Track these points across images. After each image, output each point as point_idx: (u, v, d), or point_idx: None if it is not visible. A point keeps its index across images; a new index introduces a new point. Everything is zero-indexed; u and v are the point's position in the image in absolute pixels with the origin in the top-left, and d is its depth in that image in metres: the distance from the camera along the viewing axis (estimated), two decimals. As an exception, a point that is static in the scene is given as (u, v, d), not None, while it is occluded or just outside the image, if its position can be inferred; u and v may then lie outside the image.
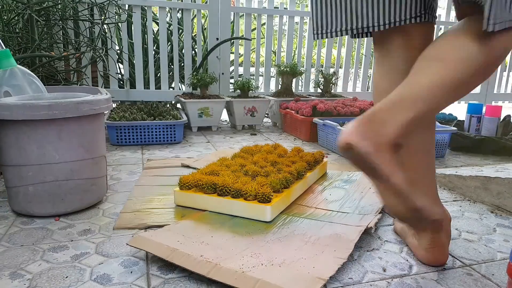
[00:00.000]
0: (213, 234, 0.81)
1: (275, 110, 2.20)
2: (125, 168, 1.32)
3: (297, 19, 2.52)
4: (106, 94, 1.00)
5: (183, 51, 2.32)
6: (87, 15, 2.01)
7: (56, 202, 0.90)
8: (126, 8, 2.21)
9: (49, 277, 0.67)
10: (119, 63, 2.30)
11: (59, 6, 1.84)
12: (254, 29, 2.50)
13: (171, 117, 1.74)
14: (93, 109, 0.89)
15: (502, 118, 1.77)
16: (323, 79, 2.41)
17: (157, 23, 2.24)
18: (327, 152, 1.63)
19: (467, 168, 1.34)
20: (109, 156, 1.46)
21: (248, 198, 0.89)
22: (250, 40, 2.34)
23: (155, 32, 2.41)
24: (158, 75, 2.41)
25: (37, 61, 1.64)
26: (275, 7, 2.40)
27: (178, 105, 2.16)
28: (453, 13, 2.73)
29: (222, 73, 2.29)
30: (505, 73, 3.09)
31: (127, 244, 0.75)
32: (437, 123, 1.65)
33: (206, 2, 2.29)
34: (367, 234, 0.86)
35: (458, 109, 3.04)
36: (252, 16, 2.38)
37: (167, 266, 0.71)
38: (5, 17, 1.64)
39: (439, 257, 0.74)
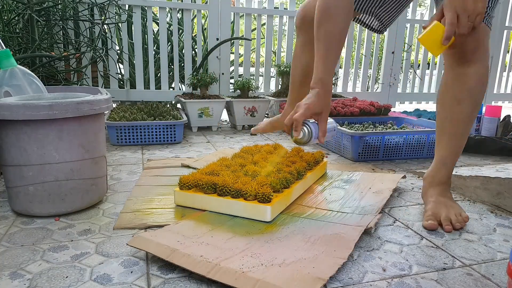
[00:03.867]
0: (213, 234, 0.81)
1: (275, 110, 2.20)
2: (125, 168, 1.32)
3: (297, 19, 2.52)
4: (106, 94, 1.00)
5: (183, 51, 2.32)
6: (87, 15, 2.01)
7: (56, 202, 0.90)
8: (126, 8, 2.21)
9: (49, 277, 0.67)
10: (119, 63, 2.30)
11: (59, 6, 1.84)
12: (254, 29, 2.50)
13: (171, 117, 1.74)
14: (93, 109, 0.89)
15: (502, 118, 1.77)
16: (323, 79, 2.40)
17: (157, 23, 2.24)
18: (327, 152, 1.63)
19: (467, 168, 1.34)
20: (109, 156, 1.46)
21: (248, 198, 0.89)
22: (250, 40, 2.34)
23: (155, 32, 2.41)
24: (158, 75, 2.41)
25: (37, 61, 1.64)
26: (275, 7, 2.41)
27: (178, 105, 2.17)
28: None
29: (222, 73, 2.29)
30: (504, 73, 3.10)
31: (127, 244, 0.75)
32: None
33: (206, 2, 2.29)
34: (367, 234, 0.86)
35: (458, 109, 3.04)
36: (252, 16, 2.38)
37: (167, 266, 0.71)
38: (5, 17, 1.64)
39: None
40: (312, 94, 0.91)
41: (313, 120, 0.93)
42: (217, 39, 2.23)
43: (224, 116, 2.36)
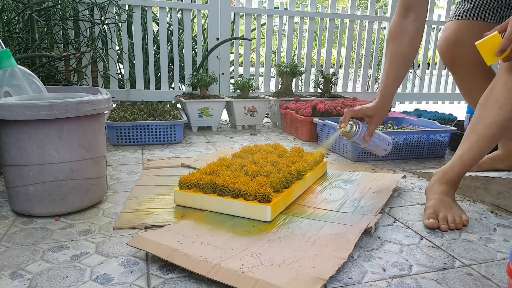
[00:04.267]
0: (213, 234, 0.81)
1: (275, 110, 2.20)
2: (125, 168, 1.32)
3: (297, 19, 2.52)
4: (106, 94, 1.00)
5: (183, 51, 2.32)
6: (87, 15, 2.01)
7: (56, 202, 0.90)
8: (126, 8, 2.21)
9: (49, 277, 0.67)
10: (119, 63, 2.30)
11: (59, 6, 1.84)
12: (254, 29, 2.50)
13: (171, 117, 1.74)
14: (93, 109, 0.89)
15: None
16: (323, 79, 2.41)
17: (157, 23, 2.24)
18: (327, 152, 1.63)
19: (467, 168, 1.34)
20: (109, 156, 1.46)
21: (248, 198, 0.89)
22: (250, 40, 2.34)
23: (155, 32, 2.41)
24: (158, 75, 2.41)
25: (37, 61, 1.64)
26: (275, 7, 2.40)
27: (178, 105, 2.17)
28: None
29: (222, 73, 2.29)
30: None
31: (127, 244, 0.75)
32: (437, 123, 1.65)
33: (206, 2, 2.29)
34: (367, 234, 0.86)
35: (458, 109, 3.04)
36: (252, 16, 2.38)
37: (167, 266, 0.71)
38: (5, 17, 1.64)
39: None
40: (372, 101, 1.04)
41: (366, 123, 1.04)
42: (217, 39, 2.23)
43: (224, 116, 2.36)
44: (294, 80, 2.38)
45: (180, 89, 2.47)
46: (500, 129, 0.93)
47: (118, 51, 2.24)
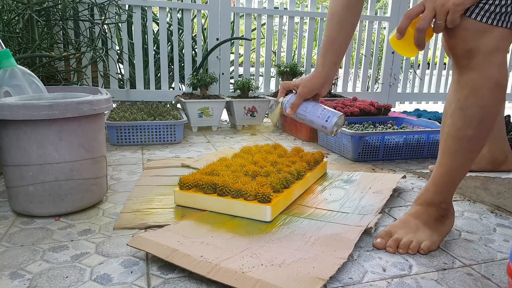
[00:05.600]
0: (213, 234, 0.81)
1: (275, 110, 2.19)
2: (125, 168, 1.32)
3: (297, 19, 2.52)
4: (106, 94, 1.00)
5: (183, 51, 2.32)
6: (87, 15, 2.01)
7: (56, 202, 0.90)
8: (126, 8, 2.21)
9: (49, 277, 0.67)
10: (119, 63, 2.30)
11: (59, 6, 1.84)
12: (254, 29, 2.50)
13: (171, 117, 1.74)
14: (93, 109, 0.89)
15: (502, 118, 1.77)
16: (323, 79, 2.40)
17: (157, 23, 2.24)
18: (327, 152, 1.63)
19: (467, 168, 1.34)
20: (109, 156, 1.46)
21: (248, 198, 0.89)
22: (250, 40, 2.34)
23: (155, 32, 2.41)
24: (158, 75, 2.41)
25: (37, 61, 1.64)
26: (275, 7, 2.41)
27: (178, 105, 2.17)
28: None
29: (222, 73, 2.29)
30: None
31: (127, 244, 0.75)
32: (437, 123, 1.65)
33: (206, 2, 2.29)
34: (367, 234, 0.86)
35: (458, 109, 3.04)
36: (252, 16, 2.38)
37: (167, 266, 0.71)
38: (5, 17, 1.64)
39: None
40: None
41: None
42: (217, 39, 2.23)
43: (224, 116, 2.36)
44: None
45: (180, 89, 2.47)
46: (458, 141, 0.77)
47: (118, 51, 2.24)
